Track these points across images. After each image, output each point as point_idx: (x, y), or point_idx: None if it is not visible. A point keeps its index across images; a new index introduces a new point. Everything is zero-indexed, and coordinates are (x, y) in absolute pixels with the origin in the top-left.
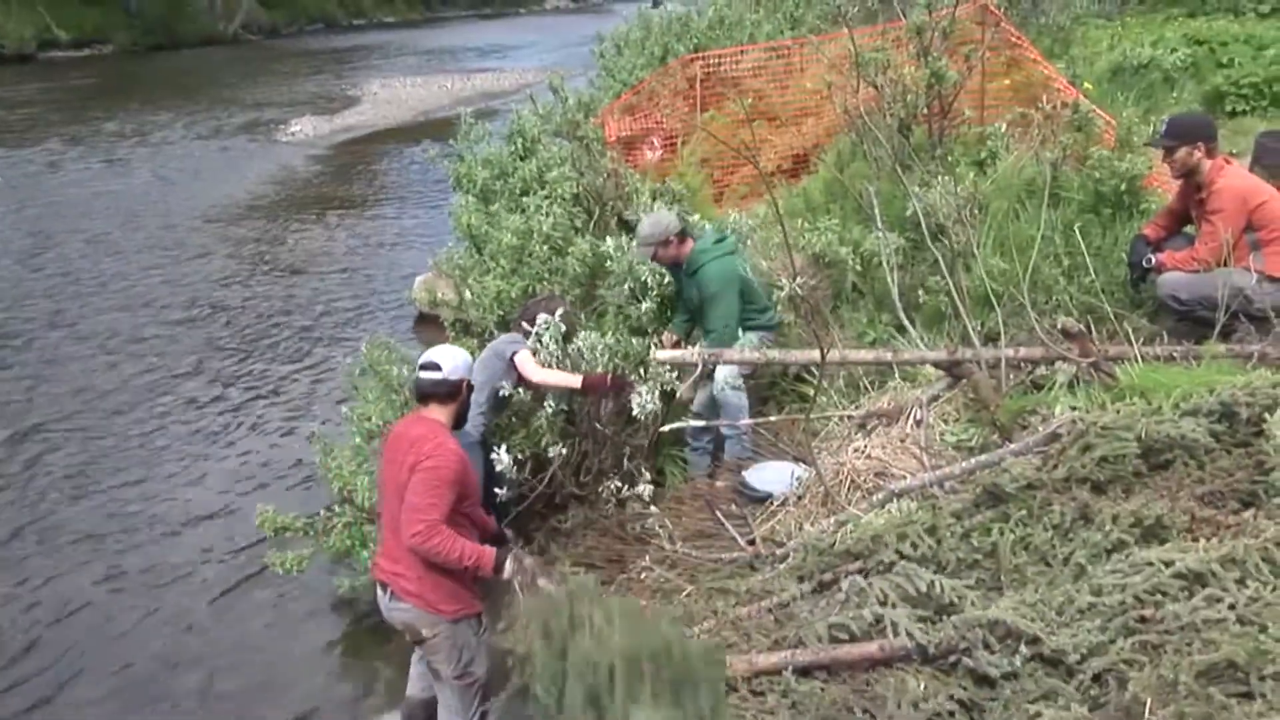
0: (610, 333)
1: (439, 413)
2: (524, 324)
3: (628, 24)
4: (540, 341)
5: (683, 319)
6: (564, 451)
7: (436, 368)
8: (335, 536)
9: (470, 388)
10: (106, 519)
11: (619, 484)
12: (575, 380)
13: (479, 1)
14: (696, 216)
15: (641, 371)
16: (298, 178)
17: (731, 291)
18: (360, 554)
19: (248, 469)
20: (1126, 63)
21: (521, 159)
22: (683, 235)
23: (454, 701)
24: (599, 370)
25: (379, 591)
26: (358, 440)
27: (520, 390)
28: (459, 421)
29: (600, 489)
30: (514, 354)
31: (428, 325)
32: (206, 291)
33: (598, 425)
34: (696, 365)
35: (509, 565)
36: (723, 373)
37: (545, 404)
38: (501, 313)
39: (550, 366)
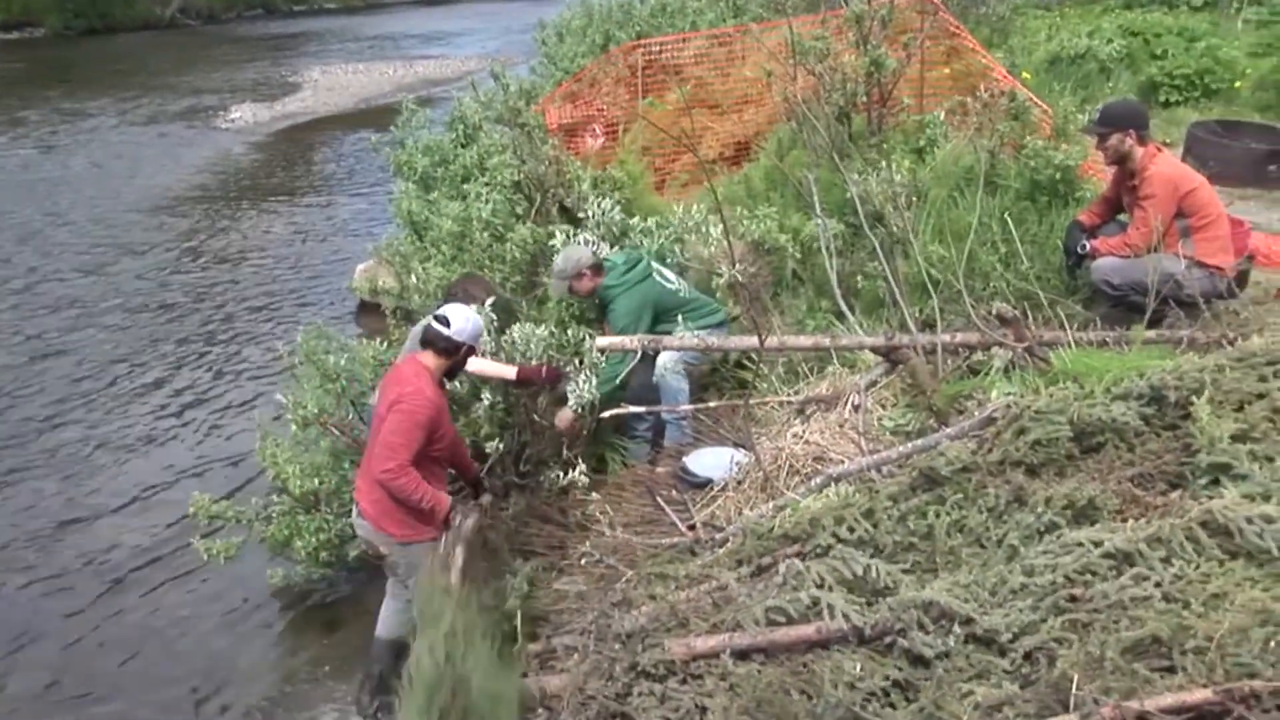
0: (552, 320)
1: (432, 360)
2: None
3: (570, 11)
4: None
5: None
6: (500, 446)
7: (446, 323)
8: (273, 527)
9: (470, 351)
10: (40, 512)
11: (559, 473)
12: (510, 371)
13: None
14: (634, 220)
15: (577, 361)
16: (237, 165)
17: (636, 326)
18: (295, 544)
19: (186, 460)
20: (1064, 53)
21: (463, 146)
22: (597, 268)
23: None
24: (534, 361)
25: (354, 509)
26: (294, 429)
27: (458, 384)
28: (451, 374)
29: (541, 477)
30: None
31: (369, 313)
32: (144, 281)
33: (535, 417)
34: (636, 351)
35: (454, 519)
36: (664, 358)
37: (482, 396)
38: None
39: (484, 356)
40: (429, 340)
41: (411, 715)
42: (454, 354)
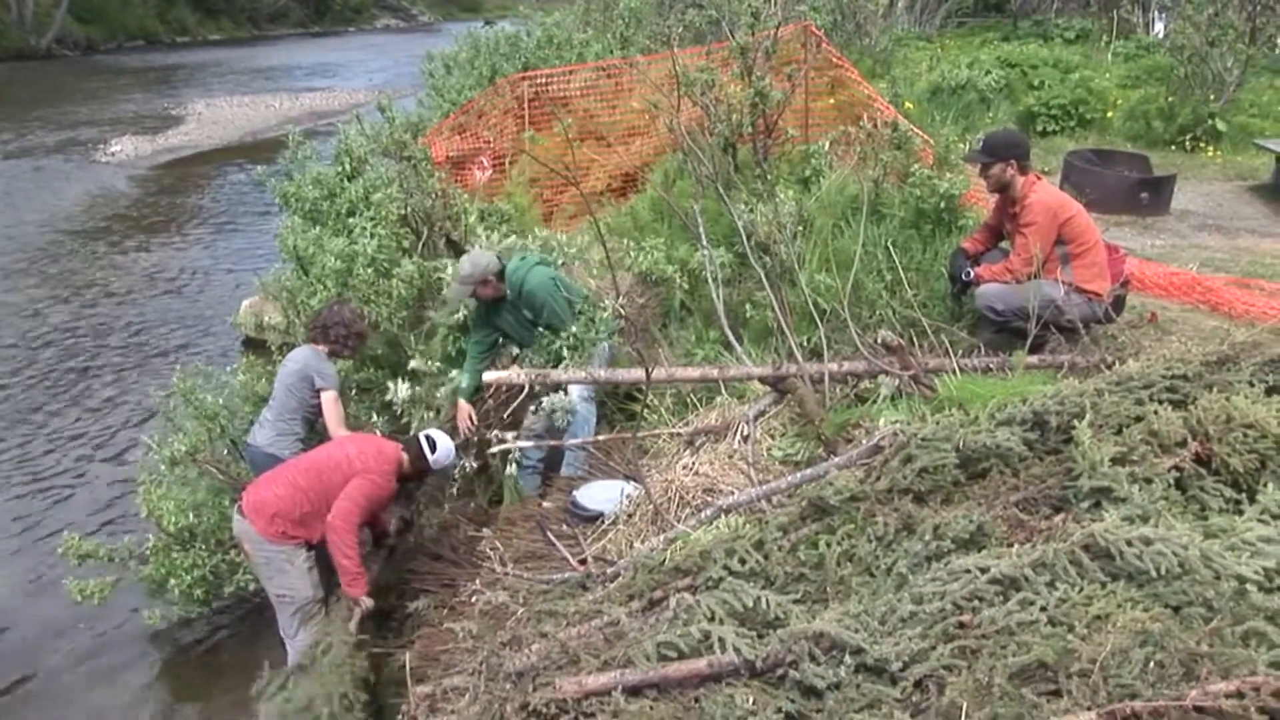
0: (437, 355)
1: (405, 458)
2: (319, 339)
3: (457, 43)
4: None
5: (486, 343)
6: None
7: (433, 446)
8: (149, 566)
9: (428, 471)
10: None
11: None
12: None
13: (308, 19)
14: (519, 241)
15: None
16: (118, 199)
17: (558, 293)
18: (170, 582)
19: (64, 503)
20: (945, 83)
21: (348, 180)
22: (501, 274)
23: (280, 618)
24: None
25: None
26: (163, 468)
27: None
28: (404, 479)
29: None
30: (321, 389)
31: (255, 349)
32: (19, 318)
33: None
34: (524, 385)
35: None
36: (575, 389)
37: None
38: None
39: None
40: (408, 442)
41: None
42: (417, 464)
